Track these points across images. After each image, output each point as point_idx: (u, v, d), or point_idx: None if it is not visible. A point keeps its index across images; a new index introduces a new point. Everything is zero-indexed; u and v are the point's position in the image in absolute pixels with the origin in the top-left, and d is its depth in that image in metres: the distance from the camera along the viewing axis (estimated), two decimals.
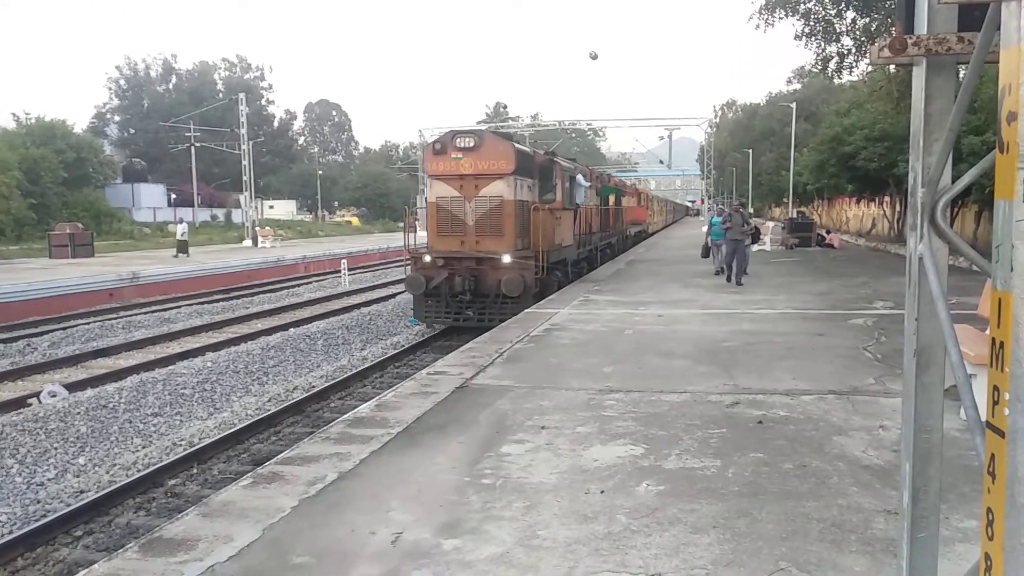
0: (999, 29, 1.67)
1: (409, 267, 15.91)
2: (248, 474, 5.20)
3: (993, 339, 1.69)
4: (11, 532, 6.98)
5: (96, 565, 3.87)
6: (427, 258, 15.46)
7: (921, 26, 2.22)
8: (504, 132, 20.21)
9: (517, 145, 15.98)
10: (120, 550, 4.05)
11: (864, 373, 7.87)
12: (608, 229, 26.73)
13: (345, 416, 6.57)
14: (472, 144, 15.09)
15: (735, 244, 16.83)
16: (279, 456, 5.56)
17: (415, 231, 16.86)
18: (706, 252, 20.21)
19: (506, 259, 14.90)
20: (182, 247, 35.34)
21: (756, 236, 21.38)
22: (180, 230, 36.74)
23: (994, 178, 1.70)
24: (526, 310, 13.45)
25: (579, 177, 19.44)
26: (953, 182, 2.27)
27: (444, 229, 15.45)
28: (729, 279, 16.82)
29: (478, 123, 25.44)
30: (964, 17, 2.19)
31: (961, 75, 2.31)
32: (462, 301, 15.31)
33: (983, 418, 1.78)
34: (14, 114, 58.70)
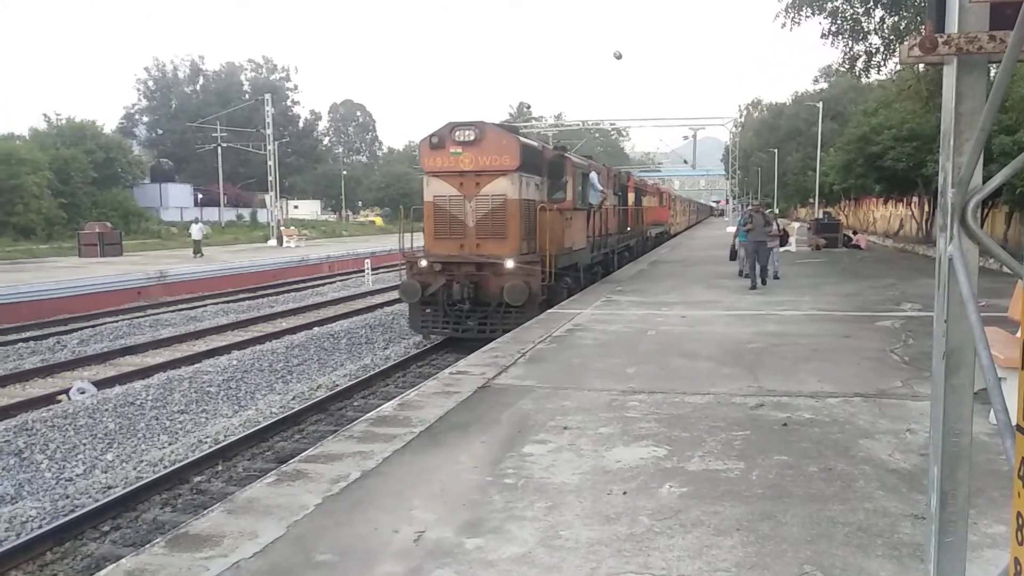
0: None
1: (405, 272, 14.84)
2: (272, 472, 5.25)
3: None
4: (40, 527, 7.10)
5: (123, 560, 3.93)
6: (423, 262, 14.20)
7: (952, 24, 2.20)
8: (509, 125, 18.15)
9: (523, 139, 14.84)
10: (147, 545, 4.10)
11: (891, 376, 7.77)
12: (626, 231, 25.29)
13: (368, 415, 6.61)
14: (473, 137, 13.76)
15: (756, 246, 16.24)
16: (303, 454, 5.60)
17: (412, 232, 15.90)
18: (734, 255, 19.55)
19: (509, 264, 13.48)
20: (197, 247, 35.29)
21: (784, 239, 20.35)
22: (196, 230, 36.67)
23: None
24: (548, 311, 13.40)
25: (593, 176, 17.94)
26: (984, 182, 2.24)
27: (442, 231, 14.21)
28: (754, 285, 15.89)
29: (502, 123, 22.67)
30: (996, 16, 2.16)
31: (992, 74, 2.27)
32: (461, 310, 14.07)
33: (1014, 421, 1.75)
34: (45, 115, 59.87)
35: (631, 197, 26.69)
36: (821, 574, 3.61)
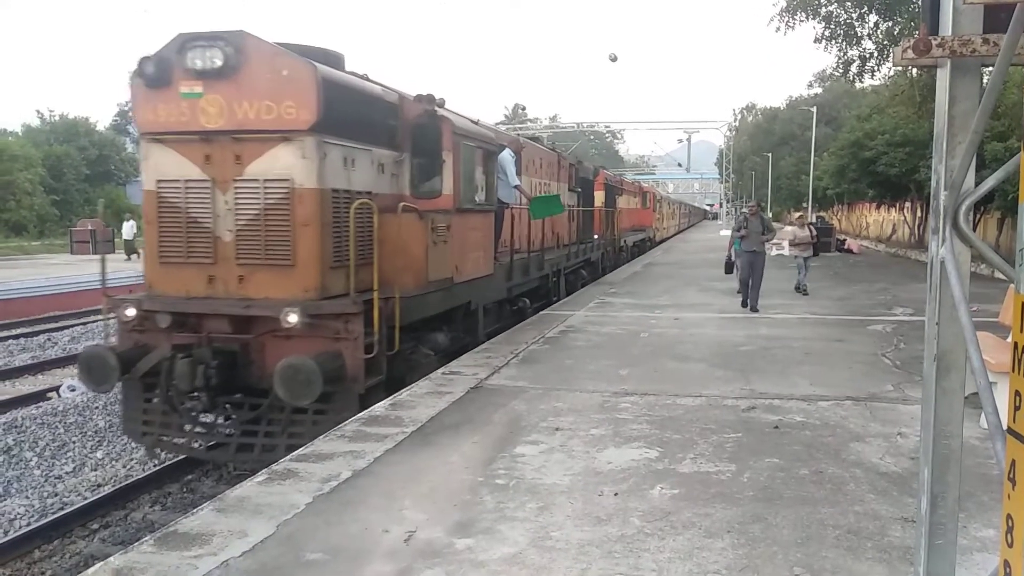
0: None
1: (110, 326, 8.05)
2: (263, 470, 5.23)
3: (1016, 344, 1.67)
4: (28, 524, 7.06)
5: (112, 558, 3.90)
6: (130, 311, 7.47)
7: (946, 27, 2.20)
8: (312, 47, 8.07)
9: (326, 69, 7.44)
10: (136, 543, 4.08)
11: (883, 379, 7.80)
12: (588, 240, 19.33)
13: (360, 415, 6.59)
14: (221, 62, 7.11)
15: (752, 257, 13.25)
16: (294, 453, 5.58)
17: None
18: (730, 267, 15.48)
19: (291, 319, 6.90)
20: (130, 248, 30.19)
21: (816, 247, 16.89)
22: (127, 228, 31.56)
23: (1018, 183, 1.68)
24: (541, 312, 13.27)
25: (506, 157, 11.42)
26: (976, 186, 2.24)
27: (173, 249, 7.44)
28: (745, 303, 13.22)
29: (496, 124, 19.77)
30: (990, 18, 2.17)
31: (986, 78, 2.28)
32: (214, 404, 7.36)
33: (1005, 424, 1.75)
34: (38, 111, 59.41)
35: (599, 196, 21.82)
36: None
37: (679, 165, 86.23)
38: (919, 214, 31.02)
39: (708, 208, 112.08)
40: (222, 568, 3.73)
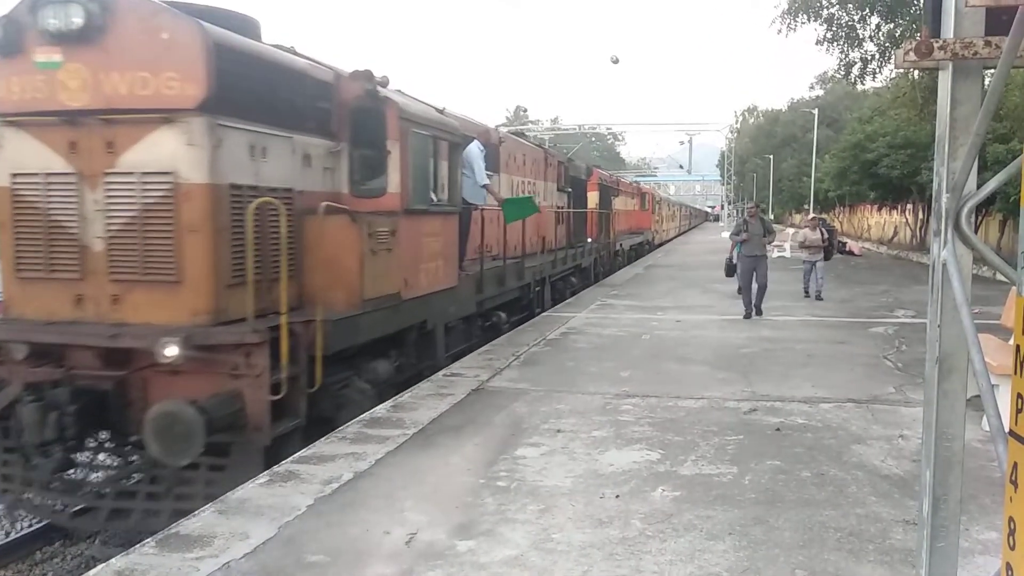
0: None
1: None
2: (264, 472, 5.23)
3: (1018, 346, 1.67)
4: (31, 526, 7.06)
5: (114, 559, 3.90)
6: None
7: (948, 30, 2.20)
8: (217, 8, 6.36)
9: (222, 33, 5.95)
10: (137, 545, 4.08)
11: (884, 382, 7.79)
12: (580, 244, 18.06)
13: (361, 416, 6.59)
14: (81, 22, 5.66)
15: (754, 262, 12.62)
16: (295, 455, 5.58)
17: None
18: (731, 270, 15.02)
19: (169, 352, 5.51)
20: None
21: (830, 250, 16.00)
22: None
23: (1019, 185, 1.68)
24: (543, 313, 13.26)
25: (473, 149, 9.90)
26: (978, 188, 2.24)
27: (33, 261, 6.08)
28: (749, 314, 12.39)
29: (497, 127, 15.56)
30: (992, 21, 2.17)
31: (987, 80, 2.28)
32: (69, 462, 6.04)
33: (1007, 427, 1.75)
34: None
35: (593, 197, 20.82)
36: None
37: (680, 167, 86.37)
38: (920, 216, 31.02)
39: (709, 210, 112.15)
40: (223, 570, 3.74)
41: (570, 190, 17.46)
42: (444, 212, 8.86)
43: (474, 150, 9.85)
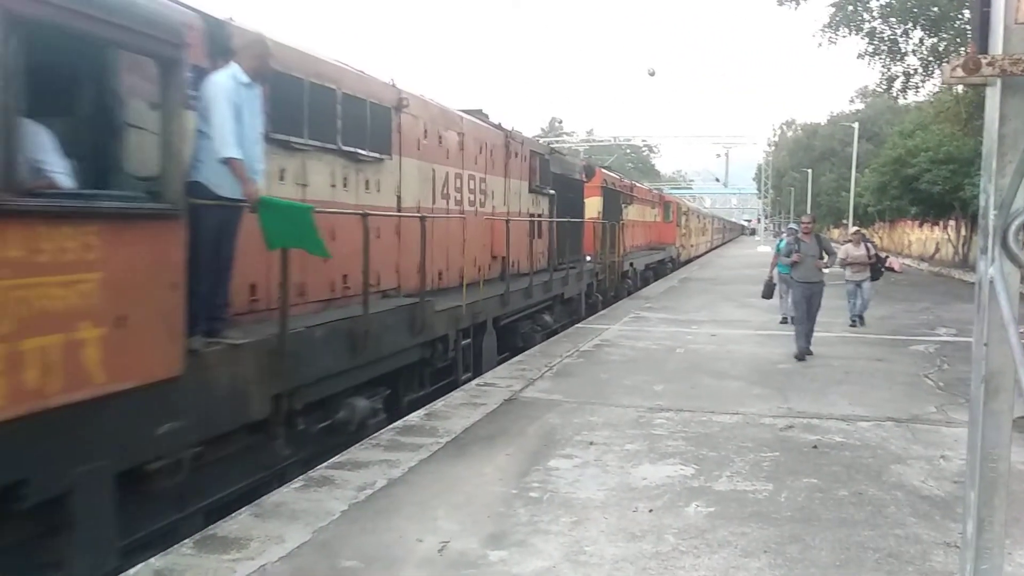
0: None
1: None
2: (300, 476, 5.29)
3: None
4: None
5: (153, 559, 3.97)
6: None
7: (996, 46, 2.18)
8: None
9: None
10: (175, 545, 4.15)
11: (925, 401, 7.64)
12: (570, 264, 14.07)
13: (395, 424, 6.64)
14: None
15: (808, 289, 10.14)
16: (330, 460, 5.64)
17: None
18: (769, 292, 13.04)
19: None
20: None
21: (878, 269, 13.62)
22: None
23: None
24: (576, 325, 13.26)
25: (221, 83, 4.72)
26: None
27: None
28: (802, 355, 9.93)
29: (534, 137, 16.90)
30: None
31: None
32: None
33: None
34: None
35: (594, 204, 17.28)
36: None
37: (716, 180, 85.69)
38: (963, 233, 30.42)
39: (746, 224, 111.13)
40: (259, 572, 3.78)
41: (553, 192, 13.47)
42: (102, 213, 3.83)
43: (223, 83, 4.79)
